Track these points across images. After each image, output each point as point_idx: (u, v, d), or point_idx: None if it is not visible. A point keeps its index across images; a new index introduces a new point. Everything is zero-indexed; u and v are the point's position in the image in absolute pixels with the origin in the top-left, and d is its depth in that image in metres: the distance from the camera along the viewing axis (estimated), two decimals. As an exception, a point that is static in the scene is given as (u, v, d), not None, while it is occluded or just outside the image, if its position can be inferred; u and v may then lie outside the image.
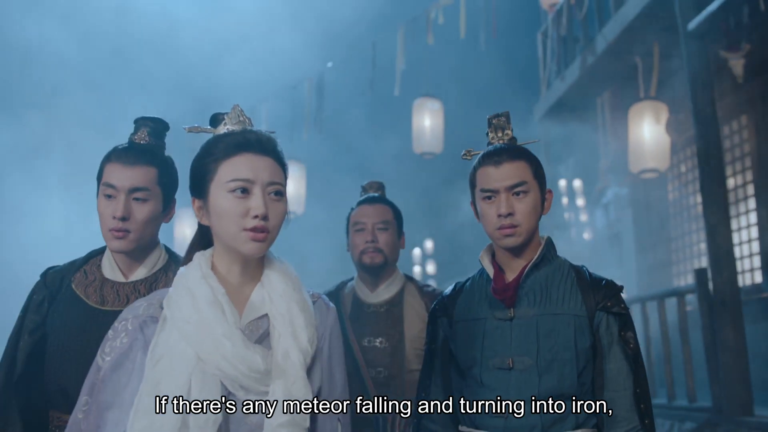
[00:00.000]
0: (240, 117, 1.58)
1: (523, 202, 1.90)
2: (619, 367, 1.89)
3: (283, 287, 1.53)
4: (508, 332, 1.89)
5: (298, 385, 1.43)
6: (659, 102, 6.91)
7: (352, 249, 2.84)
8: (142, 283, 2.04)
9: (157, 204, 2.02)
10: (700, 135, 5.60)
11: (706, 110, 5.63)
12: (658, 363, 6.58)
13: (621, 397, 1.87)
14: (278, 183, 1.52)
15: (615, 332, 1.90)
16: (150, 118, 2.09)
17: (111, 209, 1.96)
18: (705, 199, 5.52)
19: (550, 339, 1.86)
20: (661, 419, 6.06)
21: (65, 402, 1.87)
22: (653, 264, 8.35)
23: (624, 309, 1.91)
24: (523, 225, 1.89)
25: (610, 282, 1.95)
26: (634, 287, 8.46)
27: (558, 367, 1.84)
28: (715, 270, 5.38)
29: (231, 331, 1.43)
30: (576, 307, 1.89)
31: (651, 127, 6.79)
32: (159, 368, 1.42)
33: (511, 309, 1.90)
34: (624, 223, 9.03)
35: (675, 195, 8.15)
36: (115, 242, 1.97)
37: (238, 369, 1.40)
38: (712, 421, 5.27)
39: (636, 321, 6.78)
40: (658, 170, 6.95)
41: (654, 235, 8.43)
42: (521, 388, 1.84)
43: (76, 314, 1.98)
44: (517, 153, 1.94)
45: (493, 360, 1.87)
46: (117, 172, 1.97)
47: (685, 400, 5.86)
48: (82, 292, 2.01)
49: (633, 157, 6.88)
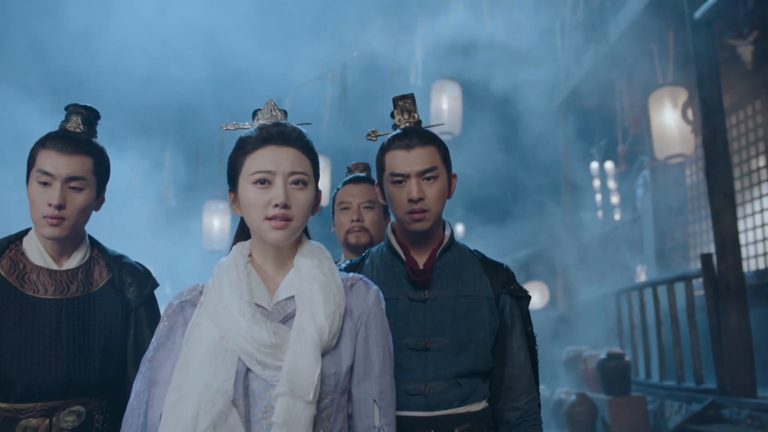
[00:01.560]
0: (272, 111, 1.64)
1: (432, 187, 1.90)
2: (520, 345, 1.98)
3: (309, 269, 1.58)
4: (421, 313, 1.90)
5: (307, 359, 1.46)
6: (678, 87, 6.94)
7: (338, 228, 2.84)
8: (79, 270, 2.03)
9: (92, 193, 2.02)
10: (706, 122, 5.68)
11: (713, 97, 5.71)
12: (668, 346, 6.69)
13: (522, 373, 1.97)
14: (301, 172, 1.57)
15: (517, 313, 1.99)
16: (82, 106, 2.07)
17: (46, 196, 1.94)
18: (710, 185, 5.62)
19: (465, 320, 1.90)
20: (671, 401, 6.20)
21: (7, 392, 1.89)
22: (671, 247, 8.42)
23: (524, 292, 2.01)
24: (432, 210, 1.90)
25: (507, 267, 2.04)
26: (653, 270, 8.54)
27: (474, 346, 1.89)
28: (720, 255, 5.49)
29: (244, 308, 1.49)
30: (486, 289, 1.95)
31: (672, 112, 6.83)
32: (189, 347, 1.51)
33: (426, 290, 1.92)
34: (644, 207, 9.08)
35: (692, 179, 8.19)
36: (49, 229, 1.95)
37: (250, 343, 1.47)
38: (716, 403, 5.40)
39: (648, 304, 6.93)
40: (685, 155, 6.97)
41: (672, 219, 8.48)
42: (439, 367, 1.87)
43: (12, 304, 1.94)
44: (427, 138, 1.93)
45: (406, 340, 1.88)
46: (53, 160, 1.95)
47: (692, 382, 5.99)
48: (15, 280, 1.97)
49: (657, 143, 6.90)
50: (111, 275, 2.09)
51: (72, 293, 2.00)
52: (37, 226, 1.97)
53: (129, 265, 2.13)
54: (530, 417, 1.98)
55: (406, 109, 2.01)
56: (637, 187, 10.19)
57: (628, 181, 9.98)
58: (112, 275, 2.09)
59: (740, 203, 6.82)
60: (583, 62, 8.62)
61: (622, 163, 8.71)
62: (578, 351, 7.77)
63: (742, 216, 6.85)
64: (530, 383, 2.00)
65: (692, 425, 5.35)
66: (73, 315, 1.97)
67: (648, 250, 8.90)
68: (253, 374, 1.49)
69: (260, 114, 1.65)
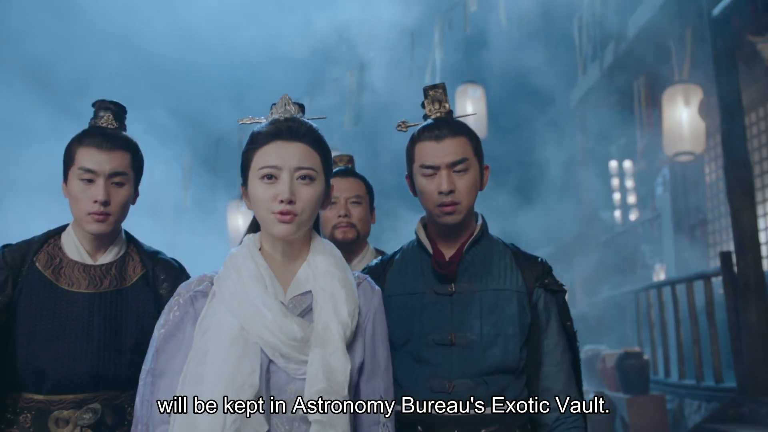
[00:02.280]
0: (286, 105, 1.63)
1: (463, 179, 1.85)
2: (557, 343, 1.89)
3: (326, 266, 1.59)
4: (448, 307, 1.85)
5: (337, 355, 1.48)
6: (693, 85, 6.92)
7: (323, 223, 2.71)
8: (113, 265, 2.06)
9: (131, 188, 2.05)
10: (724, 119, 5.66)
11: (731, 95, 5.69)
12: (687, 345, 6.67)
13: (559, 371, 1.88)
14: (307, 168, 1.56)
15: (552, 308, 1.90)
16: (110, 102, 2.09)
17: (90, 193, 1.96)
18: (729, 183, 5.59)
19: (493, 314, 1.84)
20: (690, 399, 6.17)
21: (40, 383, 1.93)
22: (690, 246, 8.37)
23: (560, 286, 1.92)
24: (463, 202, 1.85)
25: (543, 260, 1.95)
26: (672, 269, 8.50)
27: (502, 342, 1.82)
28: (740, 253, 5.46)
29: (270, 301, 1.50)
30: (517, 283, 1.88)
31: (685, 110, 6.82)
32: (206, 338, 1.50)
33: (452, 284, 1.86)
34: (663, 206, 9.04)
35: (712, 177, 8.14)
36: (95, 225, 1.98)
37: (277, 337, 1.47)
38: (736, 401, 5.38)
39: (667, 303, 6.90)
40: (694, 153, 6.97)
41: (691, 217, 8.44)
42: (465, 363, 1.81)
43: (47, 297, 1.97)
44: (459, 128, 1.88)
45: (432, 335, 1.83)
46: (94, 156, 1.97)
47: (712, 381, 5.96)
48: (51, 274, 2.00)
49: (668, 140, 6.92)
50: (145, 270, 2.10)
51: (105, 287, 2.02)
52: (82, 223, 1.99)
53: (164, 261, 2.14)
54: (569, 419, 1.86)
55: (437, 99, 1.95)
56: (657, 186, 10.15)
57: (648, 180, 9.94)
58: (145, 270, 2.10)
59: (759, 201, 6.78)
60: (601, 59, 8.59)
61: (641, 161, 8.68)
62: (597, 350, 7.75)
63: (762, 214, 6.81)
64: (568, 383, 1.89)
65: (712, 424, 5.33)
66: (105, 309, 1.99)
67: (667, 248, 8.86)
68: (275, 367, 1.50)
69: (274, 108, 1.64)
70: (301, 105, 1.68)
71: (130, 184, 2.04)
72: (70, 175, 2.00)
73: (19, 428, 1.92)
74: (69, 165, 2.01)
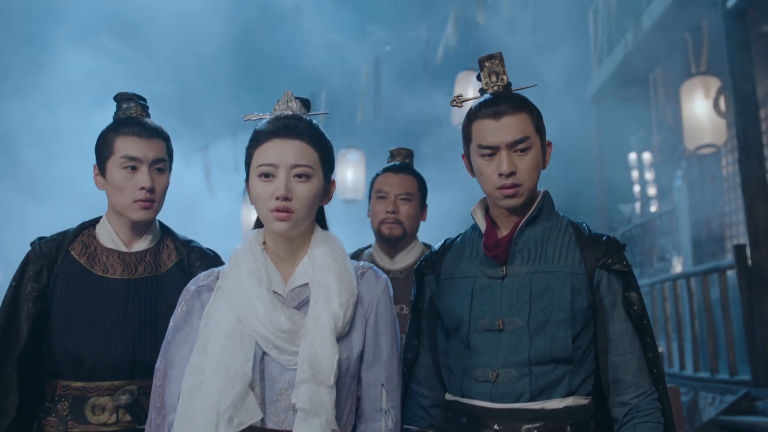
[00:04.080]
0: (288, 102, 1.64)
1: (525, 159, 1.71)
2: (624, 330, 1.71)
3: (324, 259, 1.62)
4: (498, 291, 1.72)
5: (325, 345, 1.51)
6: (711, 77, 6.87)
7: (373, 216, 2.74)
8: (147, 253, 2.08)
9: (169, 174, 2.09)
10: (739, 112, 5.65)
11: (746, 87, 5.67)
12: (702, 338, 6.66)
13: (627, 361, 1.71)
14: (304, 165, 1.59)
15: (618, 292, 1.72)
16: (132, 94, 2.11)
17: (135, 180, 1.99)
18: (743, 175, 5.58)
19: (543, 298, 1.68)
20: (705, 392, 6.17)
21: (77, 370, 1.95)
22: (707, 239, 8.34)
23: (626, 267, 1.73)
24: (525, 184, 1.72)
25: (611, 238, 1.77)
26: (689, 262, 8.47)
27: (551, 328, 1.67)
28: (754, 246, 5.45)
29: (263, 294, 1.55)
30: (573, 264, 1.71)
31: (704, 102, 6.77)
32: (207, 330, 1.56)
33: (504, 266, 1.73)
34: (680, 198, 9.00)
35: (728, 170, 8.10)
36: (142, 212, 2.01)
37: (268, 329, 1.51)
38: (750, 395, 5.37)
39: (682, 296, 6.89)
40: (716, 145, 6.92)
41: (708, 209, 8.40)
42: (510, 351, 1.67)
43: (82, 284, 1.99)
44: (519, 103, 1.73)
45: (482, 321, 1.71)
46: (137, 144, 2.00)
47: (726, 374, 5.95)
48: (86, 261, 2.03)
49: (688, 133, 6.87)
50: (180, 258, 2.12)
51: (140, 274, 2.04)
52: (127, 211, 2.02)
53: (198, 249, 2.16)
54: (640, 413, 1.68)
55: (494, 71, 1.77)
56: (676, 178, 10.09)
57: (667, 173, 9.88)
58: (180, 258, 2.12)
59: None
60: (616, 52, 8.56)
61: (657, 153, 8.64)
62: (612, 342, 7.73)
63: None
64: (639, 374, 1.71)
65: (726, 416, 5.33)
66: (140, 295, 2.02)
67: (684, 241, 8.82)
68: (269, 358, 1.55)
69: (277, 105, 1.65)
70: (304, 100, 1.69)
71: (168, 171, 2.08)
72: (109, 166, 2.02)
73: (56, 416, 1.94)
74: (107, 155, 2.02)
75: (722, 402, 5.77)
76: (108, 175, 2.02)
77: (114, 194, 2.02)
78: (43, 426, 1.96)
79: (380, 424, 1.63)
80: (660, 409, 1.70)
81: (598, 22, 8.81)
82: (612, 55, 8.66)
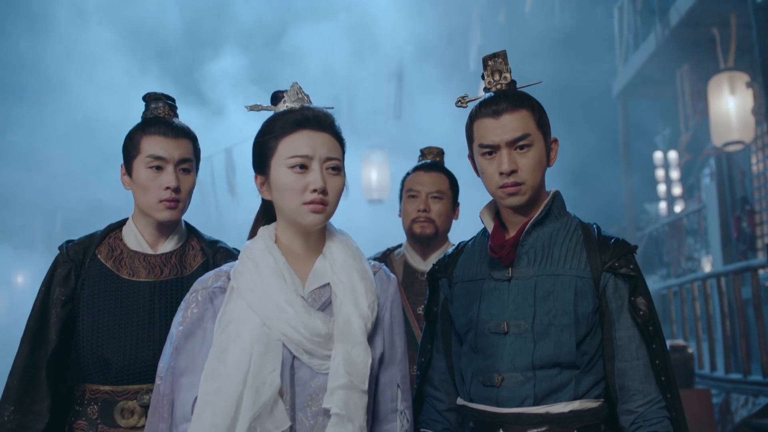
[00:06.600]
0: (298, 94, 1.62)
1: (526, 156, 1.69)
2: (630, 335, 1.67)
3: (344, 257, 1.58)
4: (505, 294, 1.70)
5: (358, 349, 1.48)
6: (739, 72, 6.76)
7: (404, 216, 2.72)
8: (172, 255, 2.06)
9: (195, 175, 2.07)
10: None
11: (776, 82, 5.55)
12: (734, 338, 6.54)
13: (633, 367, 1.67)
14: (335, 158, 1.56)
15: (624, 296, 1.68)
16: (161, 94, 2.11)
17: (161, 180, 1.98)
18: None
19: (547, 302, 1.66)
20: (737, 394, 6.05)
21: (105, 373, 1.94)
22: (737, 237, 8.19)
23: (633, 271, 1.68)
24: (527, 182, 1.69)
25: (620, 241, 1.72)
26: (719, 261, 8.33)
27: (555, 332, 1.64)
28: (787, 244, 5.34)
29: (293, 297, 1.49)
30: (579, 267, 1.68)
31: (732, 98, 6.66)
32: (226, 335, 1.49)
33: (510, 269, 1.70)
34: (709, 197, 8.86)
35: (759, 168, 7.95)
36: (167, 212, 1.99)
37: (301, 333, 1.46)
38: (784, 396, 5.26)
39: (713, 296, 6.77)
40: (743, 142, 6.81)
41: (737, 208, 8.26)
42: (515, 354, 1.65)
43: (109, 287, 1.99)
44: (518, 100, 1.70)
45: (488, 324, 1.69)
46: (163, 144, 1.98)
47: (759, 375, 5.83)
48: (112, 265, 2.02)
49: (716, 129, 6.77)
50: (205, 259, 2.09)
51: (165, 276, 2.02)
52: (152, 211, 2.00)
53: (224, 249, 2.13)
54: (647, 422, 1.64)
55: (497, 70, 1.75)
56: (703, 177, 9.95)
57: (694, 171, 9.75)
58: (206, 259, 2.09)
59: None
60: (642, 49, 8.45)
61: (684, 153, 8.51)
62: (641, 343, 7.63)
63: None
64: (646, 381, 1.66)
65: (759, 419, 5.22)
66: (165, 298, 1.99)
67: (713, 240, 8.68)
68: (299, 362, 1.50)
69: (287, 96, 1.62)
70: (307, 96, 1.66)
71: (194, 171, 2.06)
72: (135, 165, 2.01)
73: (86, 420, 1.94)
74: (134, 155, 2.01)
75: (755, 404, 5.65)
76: (134, 175, 2.01)
77: (139, 194, 2.01)
78: (74, 429, 1.96)
79: (396, 425, 1.61)
80: (669, 417, 1.67)
81: (624, 19, 8.69)
82: (638, 52, 8.54)
